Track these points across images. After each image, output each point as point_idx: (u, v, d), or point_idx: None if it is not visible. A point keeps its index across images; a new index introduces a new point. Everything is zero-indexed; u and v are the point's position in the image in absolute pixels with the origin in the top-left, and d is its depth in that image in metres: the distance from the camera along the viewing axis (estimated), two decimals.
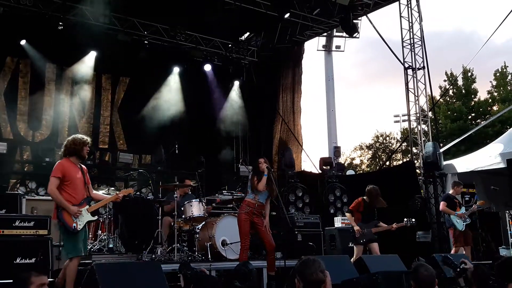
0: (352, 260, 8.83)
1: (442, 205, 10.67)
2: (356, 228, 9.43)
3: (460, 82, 30.83)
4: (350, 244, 10.40)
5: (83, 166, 6.91)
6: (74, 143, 6.80)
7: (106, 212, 10.24)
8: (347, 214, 9.99)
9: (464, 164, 12.28)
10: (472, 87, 30.78)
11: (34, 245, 7.45)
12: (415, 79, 14.37)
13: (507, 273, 4.31)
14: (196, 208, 9.63)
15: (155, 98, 14.71)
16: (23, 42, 12.83)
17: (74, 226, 6.44)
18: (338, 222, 12.07)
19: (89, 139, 6.99)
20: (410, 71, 14.48)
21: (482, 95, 31.16)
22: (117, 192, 7.59)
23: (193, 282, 5.95)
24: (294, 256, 8.81)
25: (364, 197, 9.67)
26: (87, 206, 6.70)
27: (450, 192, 10.87)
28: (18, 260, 7.19)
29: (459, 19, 67.93)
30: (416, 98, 14.40)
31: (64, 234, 6.57)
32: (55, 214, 6.55)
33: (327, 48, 20.61)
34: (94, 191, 7.28)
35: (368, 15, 14.66)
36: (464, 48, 51.60)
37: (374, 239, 9.53)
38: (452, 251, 10.38)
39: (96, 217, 6.96)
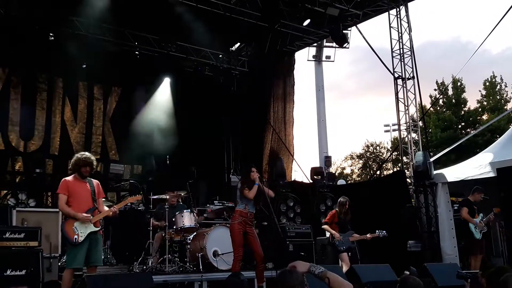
0: (344, 270, 8.85)
1: (463, 211, 10.26)
2: (337, 235, 9.82)
3: (450, 91, 31.01)
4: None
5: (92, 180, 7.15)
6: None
7: None
8: (324, 226, 10.25)
9: (454, 173, 12.29)
10: (462, 96, 30.98)
11: (25, 257, 7.45)
12: (405, 89, 14.43)
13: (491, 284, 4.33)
14: (187, 219, 9.65)
15: (146, 108, 14.72)
16: (14, 52, 12.78)
17: (76, 238, 6.55)
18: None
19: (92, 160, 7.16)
20: (400, 81, 14.53)
21: (474, 104, 31.48)
22: (114, 206, 7.58)
23: None
24: (286, 267, 8.78)
25: (337, 209, 10.19)
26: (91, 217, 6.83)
27: (470, 198, 10.55)
28: (8, 272, 7.15)
29: (456, 28, 68.52)
30: (406, 107, 14.47)
31: (66, 246, 6.69)
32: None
33: (317, 58, 20.63)
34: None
35: (358, 25, 14.76)
36: (460, 57, 52.03)
37: (353, 247, 9.93)
38: (473, 262, 10.05)
39: (99, 228, 6.97)
